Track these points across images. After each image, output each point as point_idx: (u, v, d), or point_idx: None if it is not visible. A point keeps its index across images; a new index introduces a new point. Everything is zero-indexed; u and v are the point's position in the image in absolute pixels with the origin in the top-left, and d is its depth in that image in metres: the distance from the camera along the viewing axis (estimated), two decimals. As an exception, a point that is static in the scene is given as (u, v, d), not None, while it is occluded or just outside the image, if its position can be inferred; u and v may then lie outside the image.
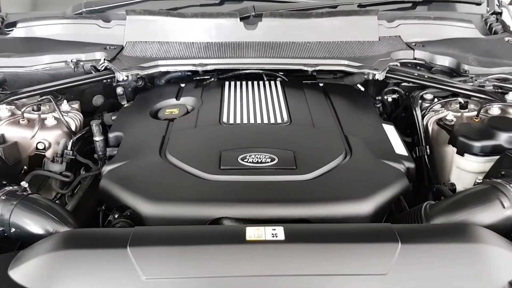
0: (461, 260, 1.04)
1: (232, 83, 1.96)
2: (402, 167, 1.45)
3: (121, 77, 1.85)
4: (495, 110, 1.73)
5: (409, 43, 2.14)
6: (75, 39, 2.13)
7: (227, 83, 1.95)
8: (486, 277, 1.03)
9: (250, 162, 1.37)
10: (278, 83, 1.96)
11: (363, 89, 2.14)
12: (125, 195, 1.30)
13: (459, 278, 1.02)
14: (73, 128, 1.74)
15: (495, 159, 1.48)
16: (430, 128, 1.77)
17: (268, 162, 1.37)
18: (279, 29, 2.11)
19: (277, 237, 1.04)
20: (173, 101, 1.86)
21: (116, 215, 1.28)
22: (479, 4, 2.47)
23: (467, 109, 1.79)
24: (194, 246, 1.03)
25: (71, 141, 1.66)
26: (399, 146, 1.58)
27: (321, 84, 2.04)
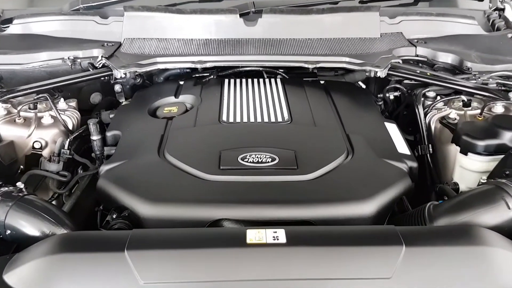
0: (466, 263, 1.02)
1: (231, 80, 1.93)
2: (404, 167, 1.43)
3: (119, 74, 1.83)
4: (498, 108, 1.71)
5: (411, 39, 2.12)
6: (72, 36, 2.10)
7: (226, 81, 1.92)
8: (491, 280, 1.01)
9: (250, 162, 1.35)
10: (278, 80, 1.94)
11: (364, 87, 2.12)
12: (123, 196, 1.27)
13: (464, 281, 1.00)
14: (70, 126, 1.72)
15: (499, 158, 1.46)
16: (432, 126, 1.75)
17: (268, 162, 1.35)
18: (279, 26, 2.09)
19: (278, 240, 1.01)
20: (172, 99, 1.83)
21: (114, 216, 1.26)
22: (482, 0, 2.44)
23: (470, 107, 1.77)
24: (193, 249, 1.01)
25: (68, 140, 1.64)
26: (401, 145, 1.56)
27: (322, 81, 2.02)
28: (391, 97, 2.02)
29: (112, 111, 1.86)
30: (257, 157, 1.36)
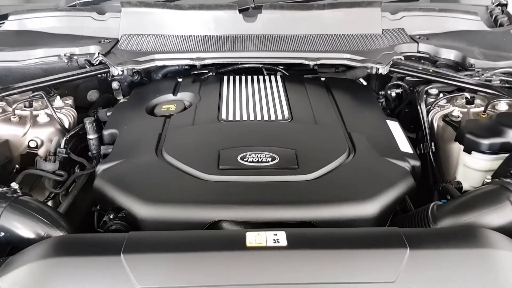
0: (471, 266, 1.00)
1: (231, 77, 1.91)
2: (407, 166, 1.40)
3: (116, 71, 1.80)
4: (502, 105, 1.69)
5: (413, 36, 2.09)
6: (68, 32, 2.07)
7: (225, 78, 1.90)
8: (497, 284, 0.98)
9: (250, 161, 1.32)
10: (278, 77, 1.91)
11: (365, 84, 2.09)
12: (120, 196, 1.25)
13: (470, 285, 0.97)
14: (66, 125, 1.69)
15: (503, 157, 1.43)
16: (435, 124, 1.73)
17: (268, 161, 1.33)
18: (279, 22, 2.06)
19: (279, 242, 0.99)
20: (170, 96, 1.81)
21: (111, 216, 1.24)
22: (484, -5, 2.43)
23: (473, 105, 1.74)
24: (191, 253, 0.98)
25: (64, 138, 1.61)
26: (404, 143, 1.53)
27: (322, 78, 1.99)
28: (393, 94, 1.99)
29: (109, 108, 1.83)
30: (257, 157, 1.34)
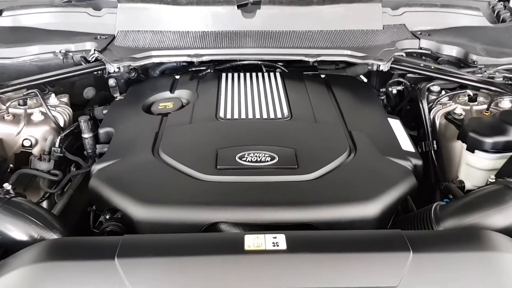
0: (476, 269, 0.97)
1: (229, 74, 1.88)
2: (409, 165, 1.38)
3: (112, 69, 1.78)
4: (506, 103, 1.66)
5: (415, 31, 2.07)
6: (64, 29, 2.05)
7: (224, 75, 1.87)
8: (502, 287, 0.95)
9: (248, 161, 1.30)
10: (277, 74, 1.89)
11: (365, 80, 2.07)
12: (115, 197, 1.22)
13: (475, 289, 0.95)
14: (61, 123, 1.66)
15: (507, 156, 1.41)
16: (437, 122, 1.70)
17: (267, 161, 1.30)
18: (279, 17, 2.04)
19: (278, 246, 0.96)
20: (167, 94, 1.78)
21: (107, 216, 1.21)
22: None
23: (476, 102, 1.72)
24: (187, 257, 0.95)
25: (59, 137, 1.58)
26: (405, 141, 1.51)
27: (322, 75, 1.96)
28: (394, 91, 1.97)
29: (105, 106, 1.81)
30: (256, 156, 1.31)
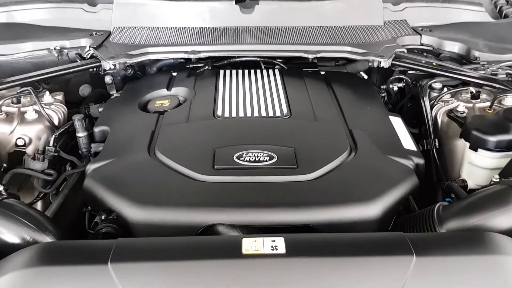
0: (481, 273, 0.95)
1: (227, 71, 1.86)
2: (411, 164, 1.35)
3: (107, 66, 1.75)
4: (509, 100, 1.64)
5: (416, 27, 2.05)
6: (59, 25, 2.02)
7: (222, 72, 1.85)
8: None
9: (247, 160, 1.27)
10: (276, 71, 1.86)
11: (366, 77, 2.04)
12: (111, 198, 1.20)
13: (480, 293, 0.92)
14: (56, 121, 1.64)
15: (511, 155, 1.38)
16: (439, 119, 1.68)
17: (266, 160, 1.28)
18: (278, 13, 2.01)
19: (277, 250, 0.94)
20: (164, 91, 1.75)
21: (103, 217, 1.19)
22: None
23: (479, 100, 1.69)
24: (183, 261, 0.93)
25: (54, 136, 1.55)
26: (407, 140, 1.48)
27: (322, 72, 1.93)
28: (395, 88, 1.95)
29: (101, 104, 1.78)
30: (254, 156, 1.29)
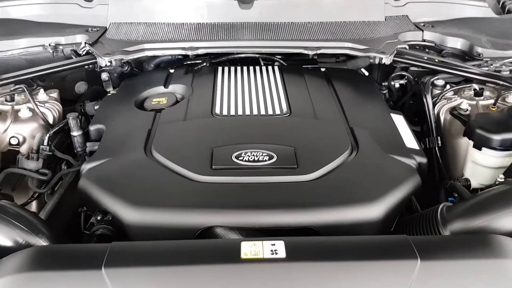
0: (487, 277, 0.92)
1: (225, 68, 1.83)
2: (413, 163, 1.33)
3: (103, 62, 1.74)
4: (513, 98, 1.60)
5: (418, 23, 2.04)
6: (54, 21, 2.01)
7: (220, 69, 1.82)
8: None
9: (245, 160, 1.25)
10: (276, 68, 1.84)
11: (367, 74, 2.01)
12: (106, 199, 1.17)
13: (486, 298, 0.90)
14: (50, 120, 1.61)
15: (516, 154, 1.35)
16: (442, 117, 1.66)
17: (266, 160, 1.25)
18: (277, 8, 2.00)
19: (277, 254, 0.91)
20: (161, 89, 1.73)
21: (98, 217, 1.16)
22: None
23: (482, 97, 1.67)
24: (179, 266, 0.90)
25: (48, 135, 1.52)
26: (409, 138, 1.46)
27: (322, 69, 1.91)
28: (397, 85, 1.92)
29: (97, 102, 1.75)
30: (253, 155, 1.26)
